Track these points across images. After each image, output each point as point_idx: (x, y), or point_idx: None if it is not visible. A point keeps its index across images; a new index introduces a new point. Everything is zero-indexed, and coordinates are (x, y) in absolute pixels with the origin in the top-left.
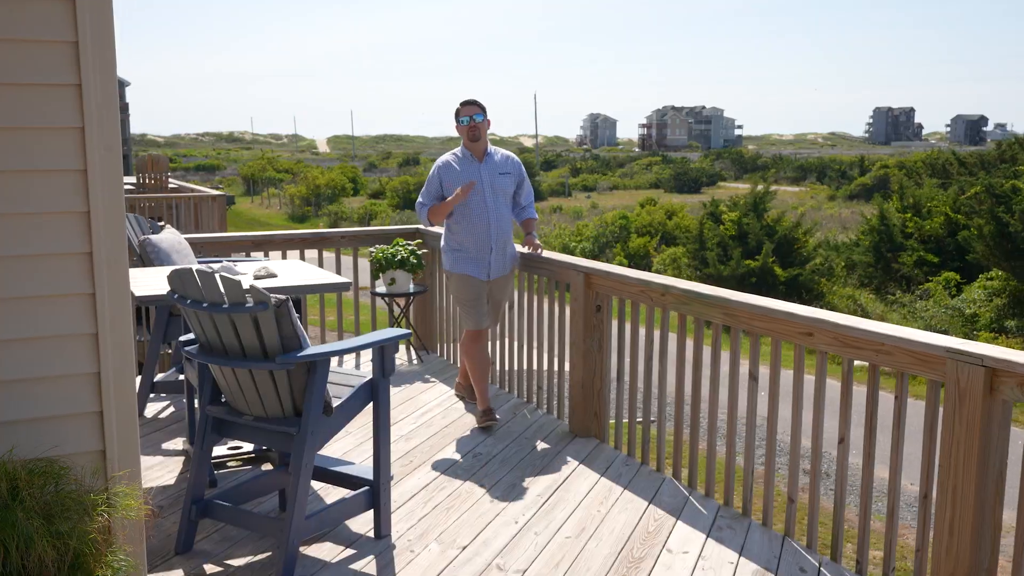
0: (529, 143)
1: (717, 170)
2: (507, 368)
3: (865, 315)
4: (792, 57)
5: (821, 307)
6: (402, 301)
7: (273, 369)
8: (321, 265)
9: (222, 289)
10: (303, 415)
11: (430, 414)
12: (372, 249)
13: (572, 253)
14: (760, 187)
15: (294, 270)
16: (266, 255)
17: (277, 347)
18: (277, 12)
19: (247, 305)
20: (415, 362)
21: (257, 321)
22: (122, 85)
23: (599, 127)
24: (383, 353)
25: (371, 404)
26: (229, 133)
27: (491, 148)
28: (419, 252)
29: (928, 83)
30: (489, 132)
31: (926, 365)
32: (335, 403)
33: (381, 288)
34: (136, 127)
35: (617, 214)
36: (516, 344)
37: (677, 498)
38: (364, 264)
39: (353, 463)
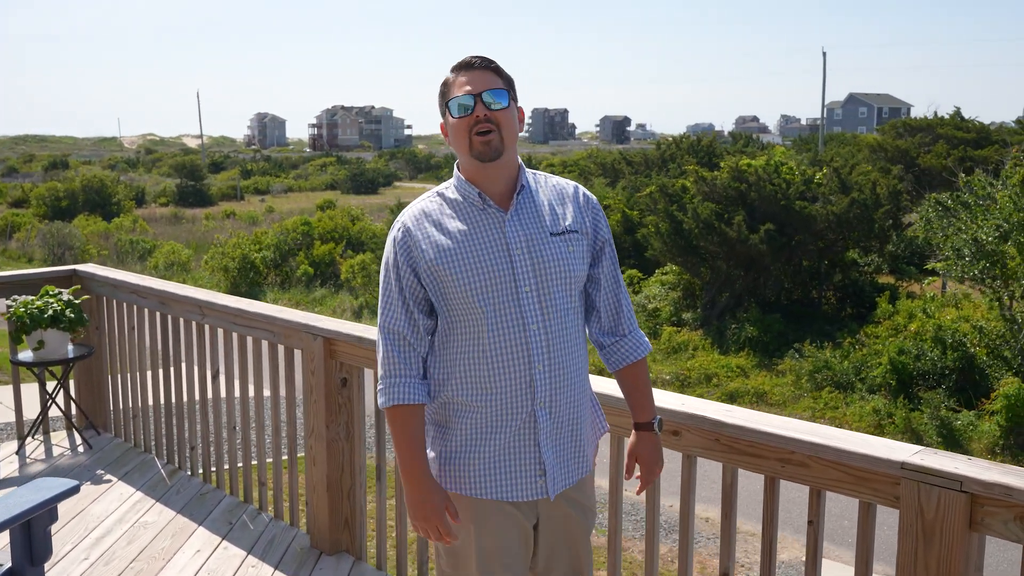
0: (194, 143)
1: (392, 170)
2: (214, 455)
3: None
4: (456, 55)
5: None
6: (59, 370)
7: None
8: None
9: None
10: None
11: (109, 538)
12: (9, 303)
13: (253, 264)
14: None
15: None
16: None
17: None
18: None
19: None
20: (80, 449)
21: None
22: None
23: (268, 127)
24: (30, 530)
25: None
26: None
27: (528, 175)
28: (77, 302)
29: (579, 85)
30: (148, 134)
31: (865, 484)
32: None
33: (26, 355)
34: None
35: (299, 220)
36: (224, 422)
37: None
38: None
39: None
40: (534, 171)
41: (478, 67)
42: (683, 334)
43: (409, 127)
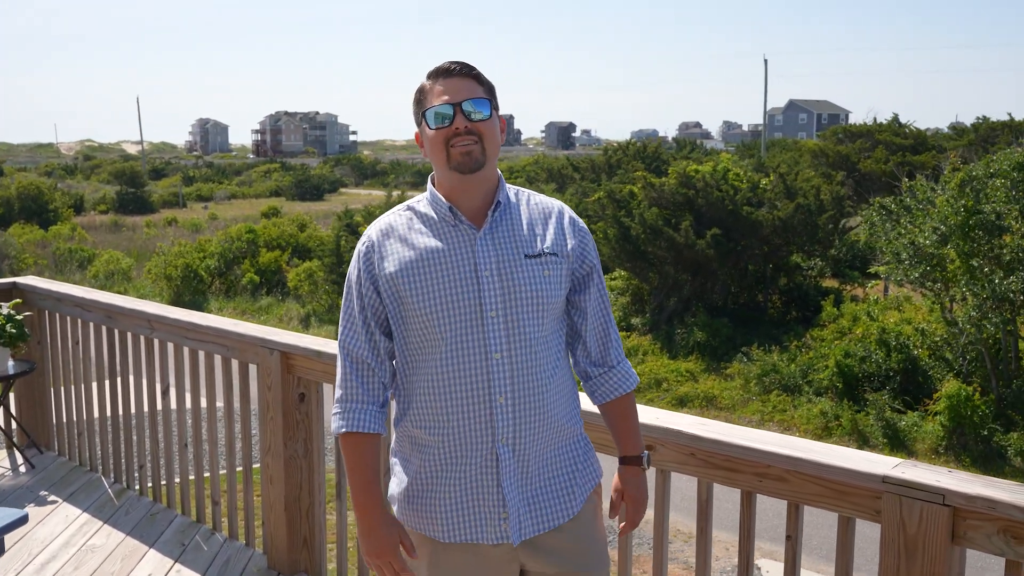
0: (134, 150)
1: (338, 176)
2: (164, 473)
3: None
4: (400, 61)
5: None
6: None
7: None
8: None
9: None
10: None
11: (55, 564)
12: None
13: (197, 272)
14: (396, 194)
15: None
16: None
17: None
18: None
19: None
20: (22, 469)
21: None
22: None
23: (210, 133)
24: None
25: None
26: None
27: (510, 191)
28: (18, 317)
29: (524, 91)
30: (86, 140)
31: (845, 498)
32: None
33: None
34: None
35: (244, 227)
36: (175, 438)
37: None
38: None
39: None
40: (517, 188)
41: (457, 74)
42: (632, 339)
43: (354, 133)
